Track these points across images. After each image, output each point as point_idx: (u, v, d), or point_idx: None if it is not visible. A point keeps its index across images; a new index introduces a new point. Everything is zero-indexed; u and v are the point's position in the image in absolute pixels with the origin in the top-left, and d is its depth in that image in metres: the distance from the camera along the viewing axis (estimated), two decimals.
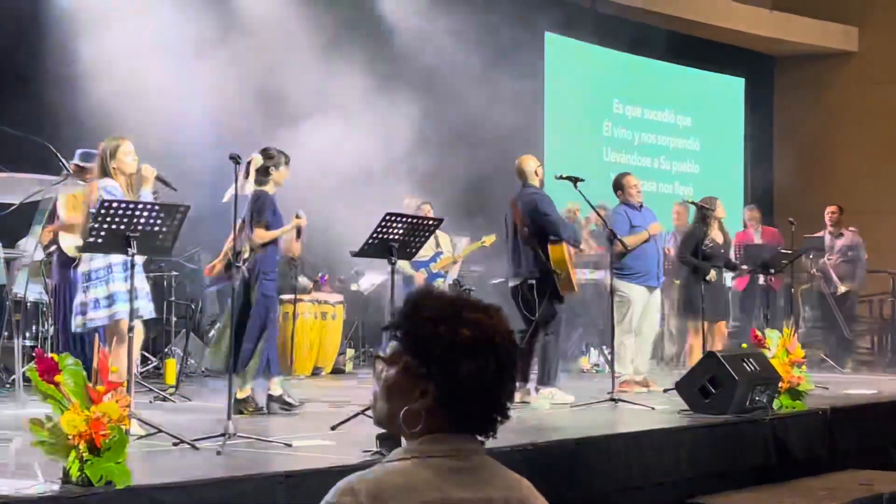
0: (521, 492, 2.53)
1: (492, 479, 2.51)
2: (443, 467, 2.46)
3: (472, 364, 2.45)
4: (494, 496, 2.48)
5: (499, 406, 2.53)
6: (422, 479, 2.43)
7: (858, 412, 9.68)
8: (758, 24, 19.23)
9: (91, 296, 7.58)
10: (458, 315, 2.48)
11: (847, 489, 7.85)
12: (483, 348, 2.47)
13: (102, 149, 7.80)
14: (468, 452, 2.50)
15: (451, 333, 2.46)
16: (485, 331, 2.48)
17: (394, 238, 8.06)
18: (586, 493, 6.81)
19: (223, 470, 5.93)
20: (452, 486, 2.44)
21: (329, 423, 7.87)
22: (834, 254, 15.05)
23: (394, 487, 2.41)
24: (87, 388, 5.00)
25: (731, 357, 8.77)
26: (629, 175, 11.37)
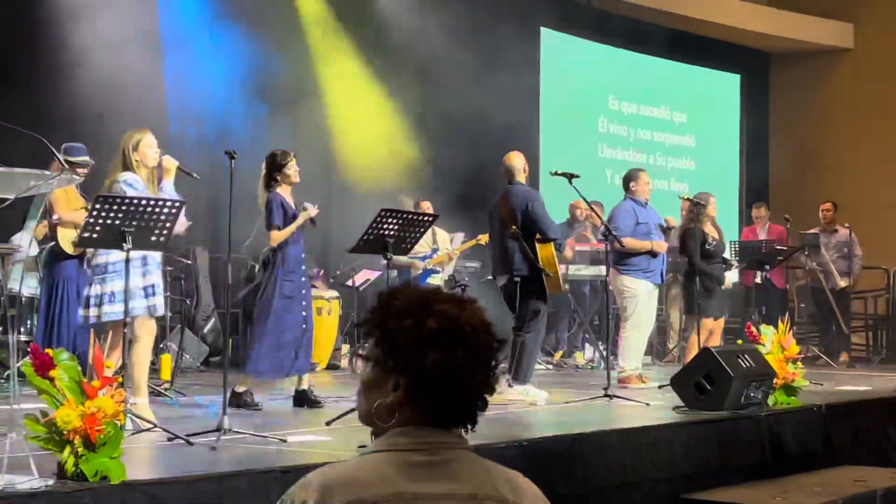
0: (498, 490, 2.48)
1: (461, 474, 2.46)
2: (405, 461, 2.44)
3: (438, 355, 2.43)
4: (458, 491, 2.43)
5: (473, 398, 2.50)
6: (378, 473, 2.41)
7: (853, 408, 9.68)
8: (754, 21, 19.24)
9: (108, 289, 7.54)
10: (425, 307, 2.47)
11: (841, 485, 7.85)
12: (450, 339, 2.45)
13: (124, 141, 7.73)
14: (438, 446, 2.47)
15: (417, 325, 2.45)
16: (452, 321, 2.46)
17: (389, 234, 8.06)
18: (581, 489, 6.82)
19: (218, 465, 5.93)
20: (410, 480, 2.41)
21: (324, 419, 7.87)
22: (829, 250, 15.05)
23: (346, 480, 2.40)
24: (81, 384, 5.00)
25: (727, 353, 8.77)
26: (643, 171, 11.37)
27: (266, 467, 5.64)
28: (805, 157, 19.37)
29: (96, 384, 5.02)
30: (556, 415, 8.94)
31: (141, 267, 7.53)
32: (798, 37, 19.67)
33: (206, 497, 5.23)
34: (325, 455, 6.22)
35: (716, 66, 19.72)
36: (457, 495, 2.42)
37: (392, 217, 8.09)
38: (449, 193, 13.70)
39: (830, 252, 15.03)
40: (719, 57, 19.51)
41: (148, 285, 7.59)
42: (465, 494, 2.43)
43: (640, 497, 7.40)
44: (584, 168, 11.11)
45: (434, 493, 2.41)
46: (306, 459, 6.07)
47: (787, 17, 19.52)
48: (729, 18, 18.91)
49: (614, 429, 7.68)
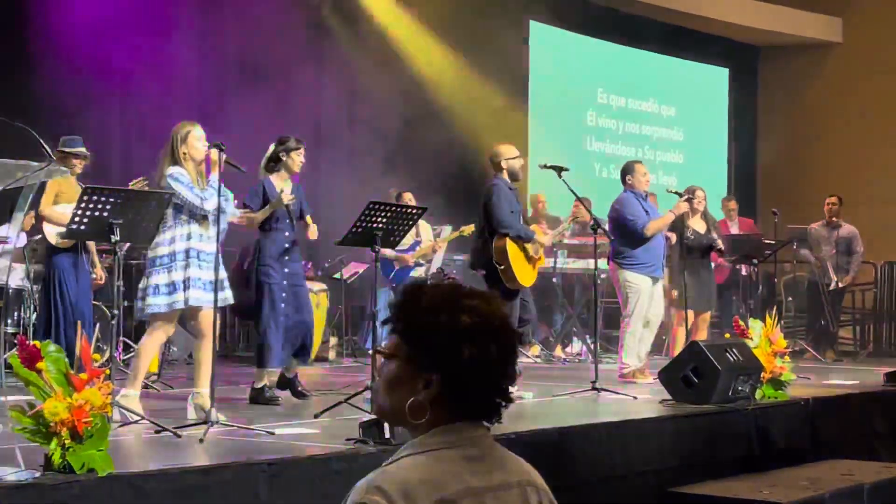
0: (532, 475, 2.58)
1: (504, 464, 2.55)
2: (458, 458, 2.47)
3: (474, 350, 2.46)
4: (509, 480, 2.52)
5: (502, 391, 2.55)
6: (443, 472, 2.44)
7: (840, 402, 9.71)
8: (743, 15, 19.26)
9: (152, 282, 7.55)
10: (456, 303, 2.49)
11: (829, 479, 7.87)
12: (484, 334, 2.47)
13: (173, 133, 7.66)
14: (478, 440, 2.52)
15: (452, 321, 2.46)
16: (484, 316, 2.48)
17: (377, 227, 8.05)
18: (569, 483, 6.82)
19: (205, 458, 5.93)
20: (471, 475, 2.46)
21: (312, 412, 7.87)
22: (829, 245, 15.05)
23: (420, 482, 2.41)
24: (69, 376, 4.99)
25: (714, 347, 8.78)
26: (639, 163, 11.34)
27: (254, 460, 5.64)
28: (793, 150, 19.40)
29: (84, 376, 5.01)
30: (544, 408, 8.94)
31: (184, 259, 7.50)
32: (787, 30, 19.69)
33: (194, 489, 5.23)
34: (313, 448, 6.22)
35: (705, 60, 19.74)
36: (510, 484, 2.52)
37: (381, 210, 8.07)
38: (433, 185, 13.69)
39: (830, 247, 15.03)
40: (708, 50, 19.53)
41: (186, 278, 7.53)
42: (514, 482, 2.53)
43: (627, 490, 7.41)
44: (572, 161, 11.09)
45: (492, 484, 2.49)
46: (294, 452, 6.06)
47: (776, 10, 19.54)
48: (718, 12, 18.92)
49: (602, 422, 7.69)
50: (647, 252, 10.92)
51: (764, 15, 19.47)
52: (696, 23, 18.96)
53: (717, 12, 18.90)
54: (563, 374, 11.68)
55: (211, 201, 7.47)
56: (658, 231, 10.89)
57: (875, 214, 17.61)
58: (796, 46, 20.00)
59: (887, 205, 18.36)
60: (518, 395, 9.28)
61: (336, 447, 6.12)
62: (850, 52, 19.70)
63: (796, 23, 19.74)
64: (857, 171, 18.77)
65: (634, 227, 10.81)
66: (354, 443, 6.18)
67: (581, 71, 17.93)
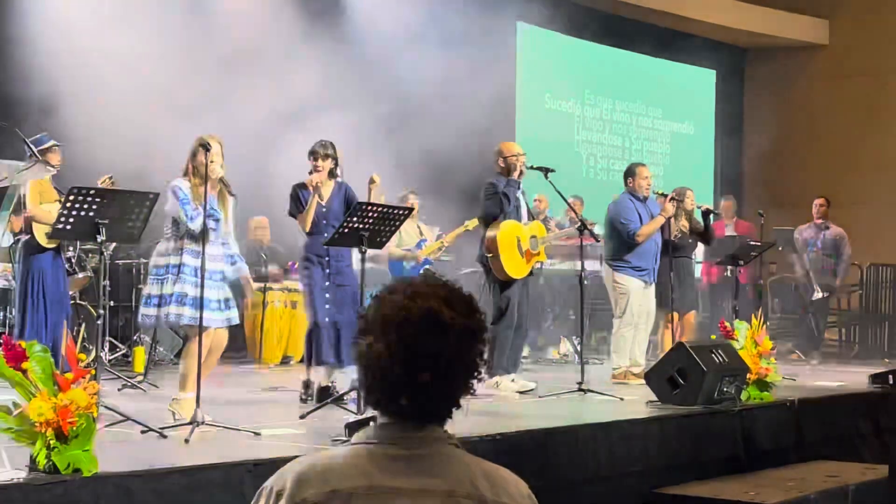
0: (474, 485, 2.44)
1: (438, 470, 2.44)
2: (382, 455, 2.44)
3: (366, 341, 2.44)
4: (435, 487, 2.41)
5: (405, 390, 2.44)
6: (354, 465, 2.42)
7: (825, 404, 9.74)
8: (729, 17, 19.28)
9: (146, 291, 7.64)
10: (386, 297, 2.48)
11: (814, 480, 7.89)
12: (382, 327, 2.43)
13: (193, 144, 7.63)
14: (415, 441, 2.45)
15: (370, 312, 2.47)
16: (394, 309, 2.43)
17: (364, 227, 8.05)
18: (554, 483, 6.83)
19: (190, 458, 5.92)
20: (387, 473, 2.41)
21: (298, 412, 7.87)
22: (818, 247, 15.08)
23: (321, 471, 2.41)
24: (54, 376, 4.98)
25: (700, 348, 8.79)
26: (642, 166, 11.36)
27: (239, 460, 5.63)
28: (779, 152, 19.42)
29: (69, 376, 5.00)
30: (530, 408, 8.94)
31: (192, 277, 7.49)
32: (773, 32, 19.72)
33: (179, 490, 5.22)
34: (297, 448, 6.22)
35: (691, 62, 19.75)
36: (433, 491, 2.40)
37: (368, 210, 8.07)
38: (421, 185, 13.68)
39: (817, 250, 15.05)
40: (695, 52, 19.53)
41: (196, 297, 7.51)
42: (442, 491, 2.41)
43: (612, 491, 7.42)
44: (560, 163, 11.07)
45: (410, 488, 2.40)
46: (279, 453, 6.06)
47: (762, 13, 19.57)
48: (705, 14, 18.94)
49: (588, 423, 7.70)
50: (640, 257, 10.95)
51: (751, 17, 19.49)
52: (683, 25, 18.97)
53: (704, 14, 18.92)
54: (549, 374, 11.68)
55: (197, 221, 7.46)
56: (649, 236, 10.91)
57: (861, 216, 17.63)
58: (783, 48, 20.04)
59: (873, 206, 18.39)
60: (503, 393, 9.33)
61: (322, 448, 6.12)
62: (837, 53, 19.74)
63: (783, 25, 19.78)
64: (843, 173, 18.80)
65: (626, 232, 10.85)
66: (340, 443, 6.18)
67: (568, 73, 17.92)
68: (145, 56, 12.24)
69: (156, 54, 12.26)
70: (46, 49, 11.48)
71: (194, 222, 7.44)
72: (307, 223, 8.79)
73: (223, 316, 7.67)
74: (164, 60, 12.28)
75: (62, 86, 11.45)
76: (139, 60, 12.27)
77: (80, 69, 11.61)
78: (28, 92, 11.38)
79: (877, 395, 10.26)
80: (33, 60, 11.58)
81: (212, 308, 7.53)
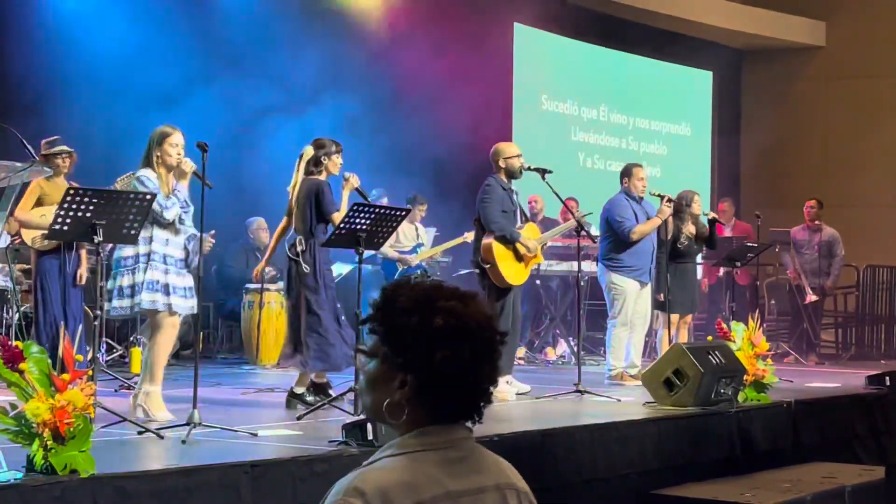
0: (510, 476, 2.58)
1: (483, 467, 2.54)
2: (439, 460, 2.47)
3: (446, 352, 2.45)
4: (487, 484, 2.52)
5: (479, 392, 2.54)
6: (421, 475, 2.44)
7: (822, 405, 9.74)
8: (726, 18, 19.28)
9: (117, 284, 7.57)
10: (431, 304, 2.48)
11: (810, 482, 7.90)
12: (456, 336, 2.46)
13: (151, 136, 7.67)
14: (459, 441, 2.52)
15: (424, 322, 2.46)
16: (458, 318, 2.47)
17: (361, 228, 8.04)
18: (551, 485, 6.83)
19: (187, 459, 5.92)
20: (450, 478, 2.46)
21: (295, 413, 7.87)
22: (811, 248, 15.09)
23: (399, 485, 2.41)
24: (51, 377, 4.98)
25: (697, 349, 8.80)
26: (638, 167, 11.36)
27: (236, 461, 5.63)
28: (777, 153, 19.43)
29: (66, 377, 5.00)
30: (527, 410, 8.95)
31: (147, 261, 7.50)
32: (770, 34, 19.72)
33: (176, 491, 5.22)
34: (295, 450, 6.22)
35: (688, 63, 19.75)
36: (487, 487, 2.52)
37: (364, 211, 8.07)
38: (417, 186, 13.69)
39: (812, 250, 15.06)
40: (692, 54, 19.54)
41: (168, 283, 7.54)
42: (492, 486, 2.53)
43: (609, 492, 7.43)
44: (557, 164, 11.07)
45: (471, 487, 2.49)
46: (276, 454, 6.06)
47: (759, 14, 19.58)
48: (702, 15, 18.94)
49: (584, 424, 7.70)
50: (635, 256, 10.95)
51: (748, 19, 19.50)
52: (680, 26, 18.97)
53: (701, 16, 18.92)
54: (546, 376, 11.68)
55: (172, 211, 7.48)
56: (644, 235, 10.91)
57: (858, 217, 17.66)
58: (780, 50, 20.04)
59: (870, 208, 18.41)
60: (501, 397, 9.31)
61: (319, 449, 6.13)
62: (834, 55, 19.75)
63: (780, 26, 19.78)
64: (841, 174, 18.81)
65: (621, 230, 10.85)
66: (337, 444, 6.19)
67: (565, 74, 17.91)
68: (144, 55, 12.25)
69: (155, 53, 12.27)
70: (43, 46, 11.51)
71: (169, 212, 7.49)
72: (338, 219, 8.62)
73: (189, 304, 7.72)
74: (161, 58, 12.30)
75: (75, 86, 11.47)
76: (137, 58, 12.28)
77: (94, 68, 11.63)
78: (22, 89, 11.42)
79: (873, 396, 10.27)
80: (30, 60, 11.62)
81: (179, 295, 7.59)
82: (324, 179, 8.70)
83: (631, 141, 18.98)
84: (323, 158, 8.74)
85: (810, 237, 15.11)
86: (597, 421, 7.85)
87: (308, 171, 8.75)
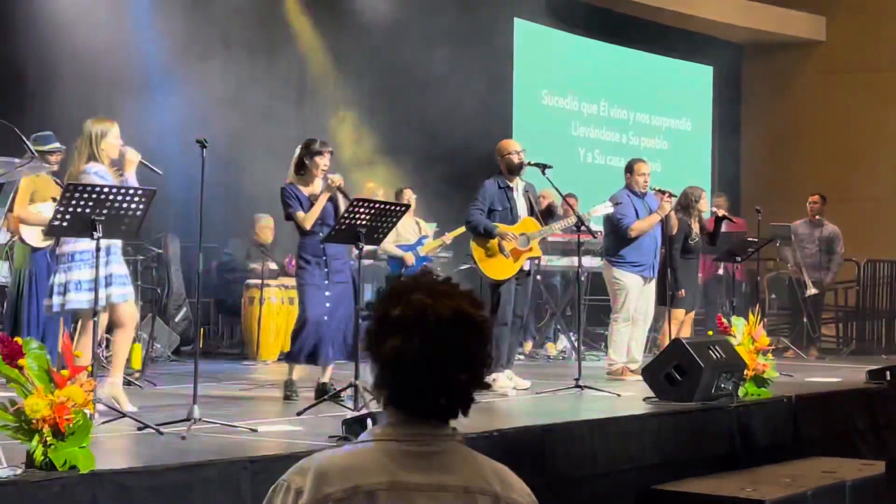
0: (489, 482, 2.49)
1: (454, 467, 2.48)
2: (399, 451, 2.46)
3: (394, 342, 2.44)
4: (450, 483, 2.46)
5: (440, 388, 2.47)
6: (373, 461, 2.44)
7: (822, 400, 9.73)
8: (727, 13, 19.27)
9: (75, 277, 7.54)
10: (401, 295, 2.47)
11: (811, 476, 7.90)
12: (409, 326, 2.44)
13: (88, 130, 7.68)
14: (431, 438, 2.49)
15: (384, 312, 2.47)
16: (417, 310, 2.44)
17: (361, 224, 8.04)
18: (552, 480, 6.83)
19: (187, 455, 5.91)
20: (405, 470, 2.43)
21: (295, 409, 7.87)
22: (811, 243, 15.07)
23: (343, 468, 2.42)
24: (51, 373, 4.98)
25: (697, 344, 8.80)
26: (640, 162, 11.34)
27: (236, 457, 5.63)
28: (777, 148, 19.43)
29: (66, 373, 5.00)
30: (527, 405, 8.94)
31: (105, 256, 7.50)
32: (771, 28, 19.71)
33: (176, 486, 5.22)
34: (295, 445, 6.22)
35: (689, 58, 19.74)
36: (450, 487, 2.45)
37: (364, 207, 8.06)
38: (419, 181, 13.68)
39: (813, 245, 15.05)
40: (693, 49, 19.54)
41: (107, 274, 7.57)
42: (457, 486, 2.46)
43: (609, 487, 7.42)
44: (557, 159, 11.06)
45: (428, 483, 2.44)
46: (276, 450, 6.06)
47: (760, 9, 19.57)
48: (702, 10, 18.93)
49: (585, 419, 7.70)
50: (637, 251, 10.95)
51: (748, 13, 19.49)
52: (680, 21, 18.96)
53: (702, 10, 18.91)
54: (547, 371, 11.68)
55: None
56: (643, 232, 10.90)
57: (858, 212, 17.64)
58: (780, 44, 20.03)
59: (870, 202, 18.41)
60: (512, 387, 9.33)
61: (319, 444, 6.12)
62: (834, 50, 19.74)
63: (780, 21, 19.77)
64: (841, 169, 18.80)
65: (620, 226, 10.86)
66: (337, 440, 6.18)
67: (565, 69, 17.91)
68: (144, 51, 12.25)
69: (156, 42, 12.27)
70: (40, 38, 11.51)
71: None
72: (311, 222, 8.68)
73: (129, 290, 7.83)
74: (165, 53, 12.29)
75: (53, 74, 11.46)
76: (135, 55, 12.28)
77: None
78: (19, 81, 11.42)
79: (874, 391, 10.27)
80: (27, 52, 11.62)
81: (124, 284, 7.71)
82: (288, 185, 8.77)
83: (631, 136, 18.98)
84: (306, 160, 8.76)
85: (811, 231, 15.10)
86: (597, 416, 7.85)
87: (297, 173, 8.78)
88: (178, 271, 13.05)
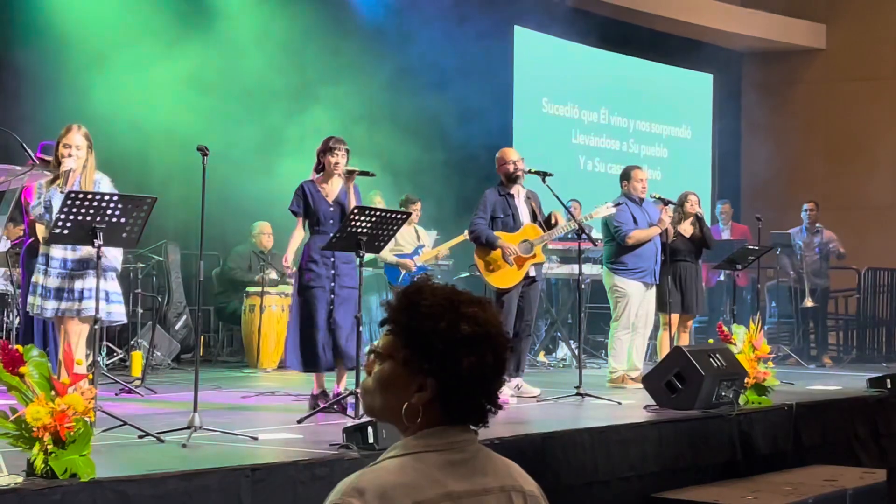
0: (515, 479, 2.58)
1: (487, 469, 2.55)
2: (441, 462, 2.49)
3: (472, 358, 2.49)
4: (491, 486, 2.53)
5: (493, 397, 2.58)
6: (423, 475, 2.45)
7: (823, 408, 9.72)
8: (726, 21, 19.30)
9: (49, 283, 7.56)
10: (455, 310, 2.50)
11: (812, 485, 7.89)
12: (481, 342, 2.50)
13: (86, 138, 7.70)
14: (464, 444, 2.54)
15: (451, 329, 2.48)
16: (482, 325, 2.51)
17: (361, 232, 8.03)
18: (552, 488, 6.82)
19: (188, 463, 5.91)
20: (452, 479, 2.48)
21: (296, 417, 7.86)
22: (810, 250, 15.09)
23: (398, 486, 2.42)
24: (52, 380, 4.97)
25: (698, 352, 8.79)
26: (637, 169, 11.36)
27: (237, 465, 5.62)
28: (777, 156, 19.44)
29: (66, 381, 4.99)
30: (528, 413, 8.94)
31: (65, 268, 7.50)
32: (771, 37, 19.74)
33: (177, 495, 5.21)
34: (296, 453, 6.21)
35: (689, 66, 19.76)
36: (491, 489, 2.53)
37: (365, 215, 8.06)
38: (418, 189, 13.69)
39: (811, 254, 15.07)
40: (693, 57, 19.55)
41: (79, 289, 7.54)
42: (496, 487, 2.54)
43: (610, 496, 7.42)
44: (558, 167, 11.07)
45: (474, 489, 2.50)
46: (277, 457, 6.05)
47: (759, 17, 19.59)
48: (702, 18, 18.96)
49: (585, 427, 7.69)
50: (638, 258, 10.97)
51: (748, 21, 19.51)
52: (680, 29, 18.98)
53: (701, 18, 18.94)
54: (547, 379, 11.67)
55: None
56: (640, 241, 10.91)
57: (859, 219, 17.67)
58: (780, 52, 20.05)
59: (871, 210, 18.42)
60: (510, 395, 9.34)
61: (320, 452, 6.12)
62: (834, 58, 19.76)
63: (780, 29, 19.79)
64: (841, 177, 18.82)
65: (618, 235, 10.88)
66: (338, 448, 6.18)
67: (565, 77, 17.92)
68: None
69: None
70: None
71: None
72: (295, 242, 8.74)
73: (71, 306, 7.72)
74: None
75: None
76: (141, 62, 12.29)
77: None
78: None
79: (875, 399, 10.26)
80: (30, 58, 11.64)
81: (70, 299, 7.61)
82: (305, 182, 8.74)
83: (632, 144, 18.99)
84: (321, 157, 8.76)
85: (811, 240, 15.12)
86: (598, 424, 7.84)
87: (317, 171, 8.79)
88: (178, 279, 13.07)
